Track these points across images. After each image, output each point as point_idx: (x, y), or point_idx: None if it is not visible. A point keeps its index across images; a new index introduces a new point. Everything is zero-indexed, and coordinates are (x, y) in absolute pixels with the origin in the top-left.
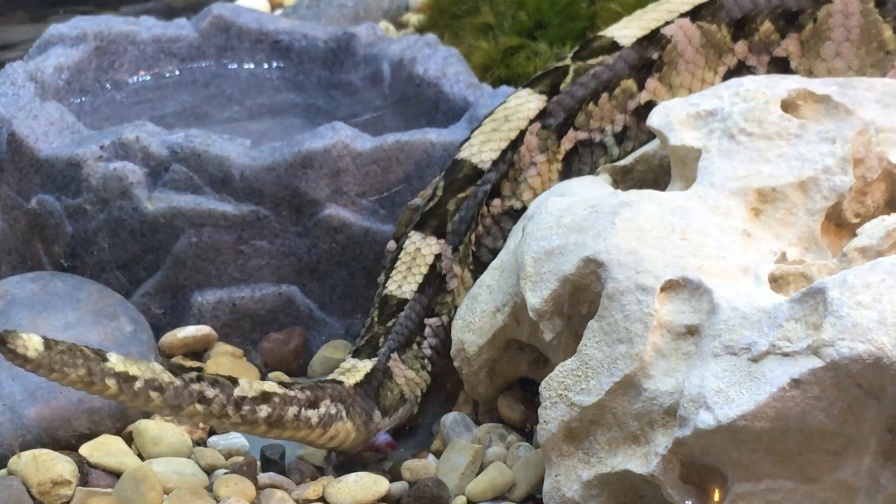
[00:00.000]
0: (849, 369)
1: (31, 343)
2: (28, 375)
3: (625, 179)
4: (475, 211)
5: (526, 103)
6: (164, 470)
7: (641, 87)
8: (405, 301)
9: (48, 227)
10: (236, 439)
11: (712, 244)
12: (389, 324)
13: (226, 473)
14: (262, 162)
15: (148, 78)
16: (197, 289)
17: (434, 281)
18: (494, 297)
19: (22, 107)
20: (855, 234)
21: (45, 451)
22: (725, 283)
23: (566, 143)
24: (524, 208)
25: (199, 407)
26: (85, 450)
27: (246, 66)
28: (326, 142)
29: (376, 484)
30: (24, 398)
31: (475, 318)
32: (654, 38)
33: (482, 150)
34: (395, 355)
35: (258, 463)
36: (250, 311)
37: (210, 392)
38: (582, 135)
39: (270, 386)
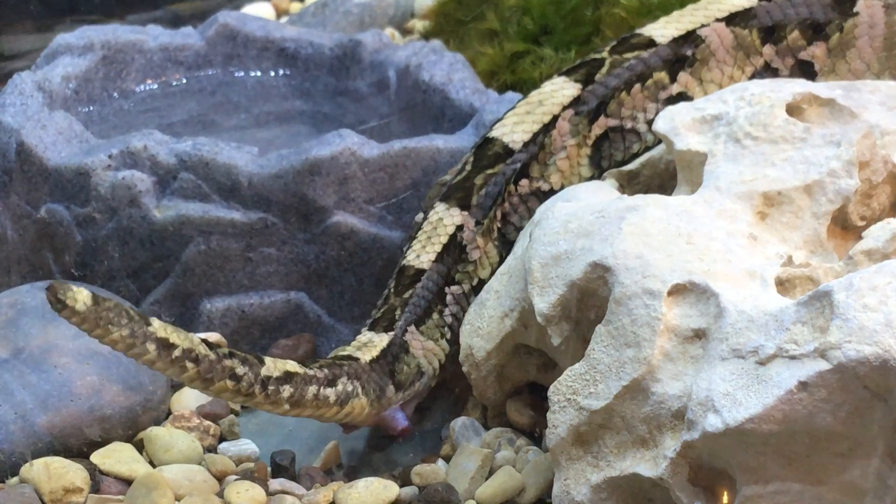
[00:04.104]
0: (856, 371)
1: (81, 296)
2: (39, 384)
3: (631, 184)
4: (502, 187)
5: (561, 90)
6: (175, 476)
7: (674, 79)
8: (422, 271)
9: (58, 236)
10: (246, 445)
11: (719, 248)
12: (406, 295)
13: (236, 480)
14: (270, 169)
15: (155, 86)
16: (206, 296)
17: (454, 250)
18: (502, 303)
19: (30, 116)
20: (861, 237)
21: (56, 458)
22: (732, 286)
23: (596, 129)
24: (551, 190)
25: (229, 383)
26: (96, 457)
27: (252, 74)
28: (333, 149)
29: (386, 489)
30: (35, 406)
31: (483, 324)
32: (689, 38)
33: (514, 130)
34: (412, 328)
35: (268, 469)
36: (259, 318)
37: (241, 369)
38: (612, 122)
39: (292, 366)
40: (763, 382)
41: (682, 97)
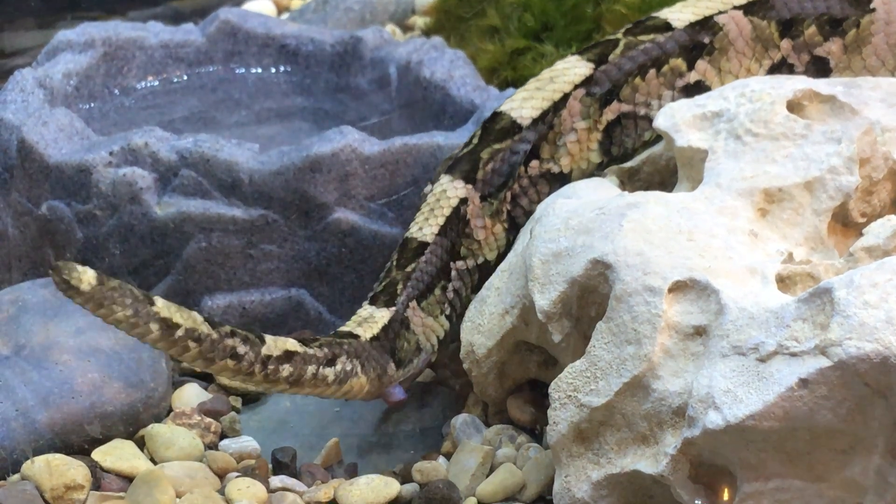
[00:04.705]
0: (856, 368)
1: (86, 276)
2: (40, 381)
3: (632, 181)
4: (513, 169)
5: (573, 68)
6: (176, 473)
7: (691, 66)
8: (425, 244)
9: (59, 233)
10: (247, 442)
11: (719, 245)
12: (409, 269)
13: (237, 477)
14: (271, 166)
15: (156, 83)
16: (207, 293)
17: (456, 224)
18: (503, 300)
19: (31, 113)
20: (861, 234)
21: (57, 455)
22: (733, 283)
23: (609, 114)
24: (561, 173)
25: (230, 362)
26: (97, 454)
27: (253, 71)
28: (334, 146)
29: (387, 486)
30: (36, 403)
31: (484, 321)
32: (706, 24)
33: (523, 105)
34: (413, 304)
35: (269, 466)
36: (260, 315)
37: (242, 348)
38: (626, 107)
39: (292, 344)
40: (764, 379)
41: (700, 86)
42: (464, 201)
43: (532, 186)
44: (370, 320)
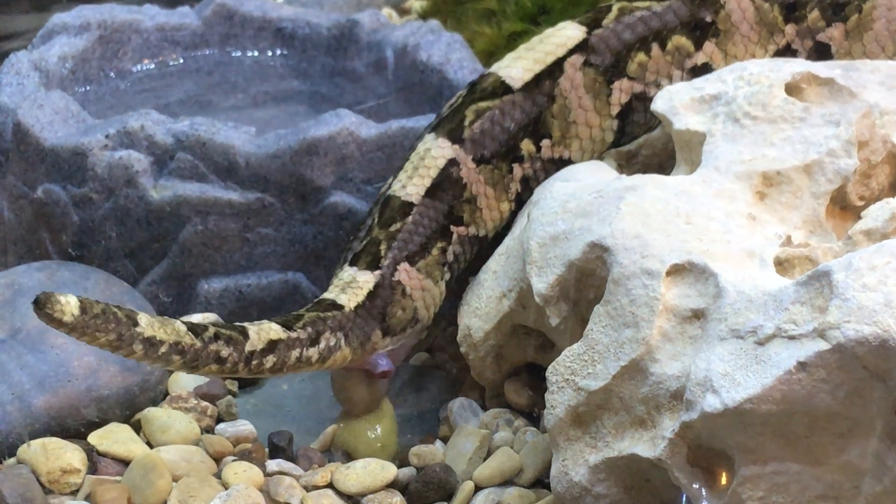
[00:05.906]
0: (855, 352)
1: (69, 308)
2: (36, 364)
3: (630, 164)
4: (510, 135)
5: (562, 30)
6: (173, 457)
7: (699, 47)
8: (411, 204)
9: (54, 216)
10: (244, 426)
11: (717, 228)
12: (393, 228)
13: (234, 460)
14: (267, 149)
15: (152, 66)
16: (203, 277)
17: (449, 186)
18: (500, 283)
19: (27, 96)
20: (860, 217)
21: (53, 439)
22: (731, 266)
23: (622, 96)
24: (570, 159)
25: (213, 367)
26: (94, 438)
27: (249, 54)
28: (331, 129)
29: (384, 470)
30: (32, 387)
31: (481, 304)
32: (706, 1)
33: (512, 65)
34: (405, 265)
35: (266, 450)
36: (257, 299)
37: (225, 352)
38: (638, 87)
39: (276, 332)
40: (762, 363)
41: (707, 68)
42: (453, 162)
43: (544, 171)
44: (353, 285)
